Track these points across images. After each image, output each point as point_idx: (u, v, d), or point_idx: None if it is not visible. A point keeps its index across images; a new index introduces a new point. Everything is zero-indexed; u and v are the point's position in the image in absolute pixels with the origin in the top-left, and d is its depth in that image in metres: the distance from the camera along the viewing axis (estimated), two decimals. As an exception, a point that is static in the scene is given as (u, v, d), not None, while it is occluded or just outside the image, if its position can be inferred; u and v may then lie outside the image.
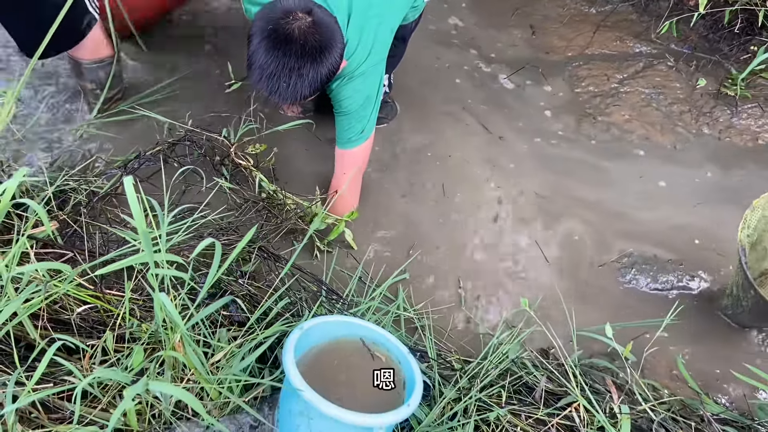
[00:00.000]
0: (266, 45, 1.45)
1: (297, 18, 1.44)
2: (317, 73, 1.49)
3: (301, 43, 1.44)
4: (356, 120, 1.79)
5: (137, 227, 1.10)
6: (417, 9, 1.96)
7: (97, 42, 1.97)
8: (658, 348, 1.75)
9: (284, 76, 1.46)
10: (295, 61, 1.45)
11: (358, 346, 1.48)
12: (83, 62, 1.99)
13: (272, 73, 1.46)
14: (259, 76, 1.48)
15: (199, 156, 1.93)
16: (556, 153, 2.36)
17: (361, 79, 1.72)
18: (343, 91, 1.73)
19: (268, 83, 1.48)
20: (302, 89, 1.50)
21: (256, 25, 1.47)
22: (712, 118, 2.51)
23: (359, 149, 1.86)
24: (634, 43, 2.79)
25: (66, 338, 1.21)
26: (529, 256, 2.03)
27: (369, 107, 1.79)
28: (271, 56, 1.45)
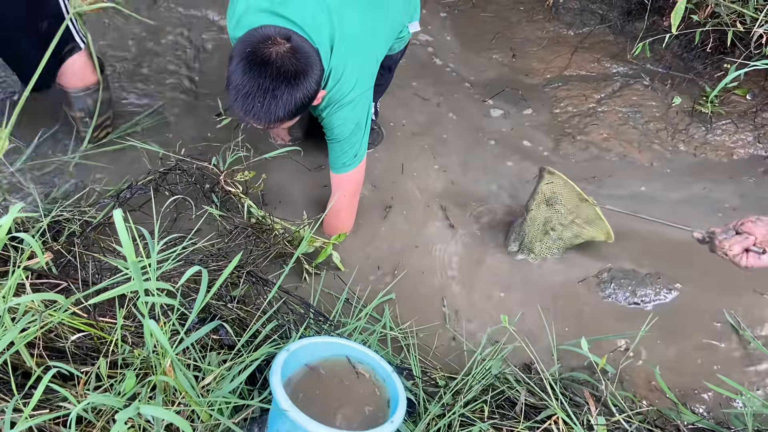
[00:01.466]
0: (243, 66, 1.50)
1: (276, 43, 1.51)
2: (291, 96, 1.53)
3: (278, 66, 1.50)
4: (348, 146, 1.85)
5: (127, 257, 1.15)
6: (403, 40, 2.04)
7: (83, 70, 2.03)
8: (636, 360, 1.81)
9: (259, 96, 1.51)
10: (270, 82, 1.50)
11: (345, 366, 1.53)
12: (71, 91, 2.06)
13: (247, 92, 1.51)
14: (235, 96, 1.52)
15: (190, 184, 1.99)
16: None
17: (350, 107, 1.78)
18: (333, 119, 1.79)
19: (243, 103, 1.52)
20: (276, 111, 1.54)
21: (237, 48, 1.53)
22: (687, 135, 2.58)
23: (353, 173, 1.93)
24: (610, 64, 2.88)
25: (61, 366, 1.26)
26: (509, 274, 2.09)
27: (359, 133, 1.86)
28: (247, 77, 1.50)
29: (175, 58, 2.62)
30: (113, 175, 2.11)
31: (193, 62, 2.63)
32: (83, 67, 2.03)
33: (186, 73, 2.58)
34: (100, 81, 2.10)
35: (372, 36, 1.82)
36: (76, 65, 2.00)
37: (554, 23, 3.08)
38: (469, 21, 3.11)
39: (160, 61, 2.58)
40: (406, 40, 2.07)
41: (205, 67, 2.63)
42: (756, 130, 2.58)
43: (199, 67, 2.62)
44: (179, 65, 2.61)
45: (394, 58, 2.13)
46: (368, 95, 1.84)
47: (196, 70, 2.60)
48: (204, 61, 2.65)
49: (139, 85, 2.48)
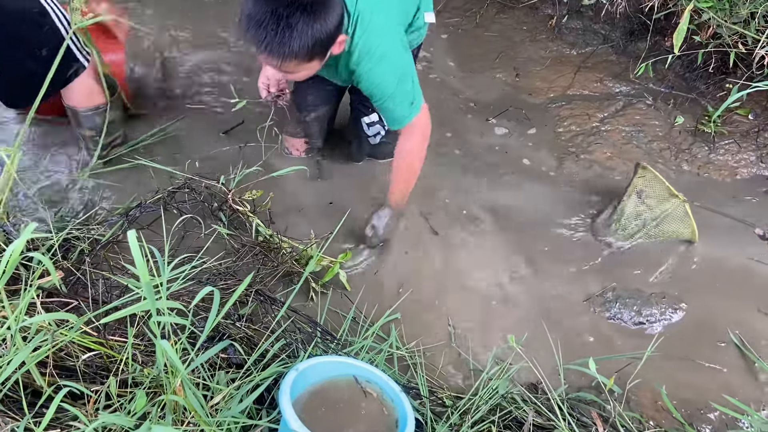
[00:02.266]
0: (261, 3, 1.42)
1: None
2: (307, 26, 1.45)
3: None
4: (400, 98, 1.78)
5: (141, 278, 1.16)
6: (419, 33, 2.03)
7: (90, 90, 2.03)
8: (643, 380, 1.81)
9: (272, 24, 1.42)
10: (284, 8, 1.41)
11: (352, 385, 1.53)
12: (80, 111, 2.06)
13: (260, 20, 1.42)
14: (247, 25, 1.44)
15: (198, 203, 2.00)
16: (541, 190, 2.44)
17: (386, 61, 1.72)
18: (372, 77, 1.72)
19: (256, 32, 1.43)
20: (290, 42, 1.45)
21: None
22: (690, 155, 2.60)
23: (416, 120, 1.85)
24: (613, 83, 2.91)
25: (72, 385, 1.27)
26: (515, 294, 2.10)
27: (407, 82, 1.78)
28: (261, 3, 1.42)
29: (184, 77, 2.65)
30: (121, 193, 2.13)
31: (200, 80, 2.66)
32: (90, 86, 2.02)
33: (194, 90, 2.61)
34: (107, 101, 2.10)
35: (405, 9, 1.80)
36: (83, 85, 1.99)
37: (557, 43, 3.12)
38: (472, 40, 3.14)
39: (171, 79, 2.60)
40: (423, 33, 2.05)
41: (212, 83, 2.66)
42: (759, 150, 2.60)
43: (206, 83, 2.65)
44: (187, 83, 2.64)
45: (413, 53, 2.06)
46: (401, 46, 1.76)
47: (204, 88, 2.62)
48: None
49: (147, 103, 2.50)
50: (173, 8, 3.02)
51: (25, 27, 1.78)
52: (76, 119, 2.09)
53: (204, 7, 3.07)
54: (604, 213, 2.31)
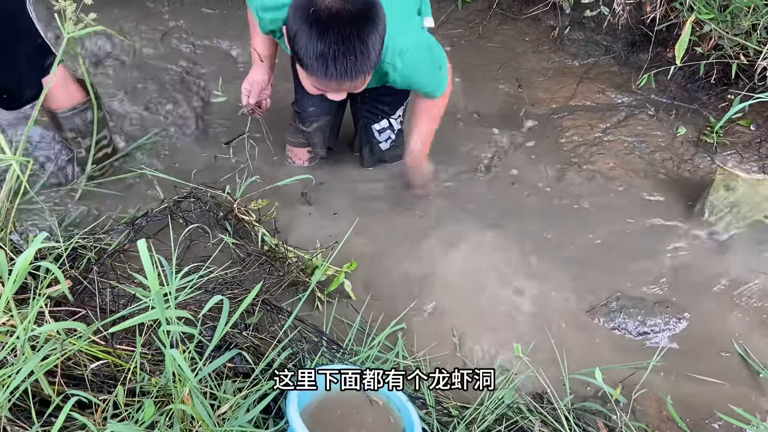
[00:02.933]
0: (317, 30, 1.41)
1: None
2: (376, 31, 1.46)
3: (348, 9, 1.41)
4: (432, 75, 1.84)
5: (151, 288, 1.17)
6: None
7: (68, 89, 2.01)
8: (648, 390, 1.81)
9: (349, 50, 1.42)
10: (352, 28, 1.41)
11: (359, 395, 1.53)
12: (58, 112, 2.03)
13: (335, 53, 1.42)
14: (324, 64, 1.43)
15: (203, 212, 2.01)
16: (545, 201, 2.45)
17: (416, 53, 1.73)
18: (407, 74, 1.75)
19: (336, 67, 1.43)
20: (369, 56, 1.46)
21: (294, 21, 1.44)
22: (693, 165, 2.61)
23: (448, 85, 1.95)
24: (615, 94, 2.93)
25: (80, 394, 1.27)
26: (520, 303, 2.10)
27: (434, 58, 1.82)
28: (327, 38, 1.41)
29: (185, 85, 2.66)
30: (125, 202, 2.13)
31: (202, 89, 2.67)
32: (66, 85, 1.99)
33: (195, 99, 2.62)
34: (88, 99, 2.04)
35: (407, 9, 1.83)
36: (59, 84, 1.96)
37: (559, 54, 3.14)
38: (475, 51, 3.16)
39: (168, 89, 2.61)
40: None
41: (211, 92, 2.68)
42: (761, 160, 2.62)
43: (208, 93, 2.66)
44: (188, 91, 2.65)
45: None
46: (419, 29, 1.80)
47: (205, 96, 2.64)
48: (208, 87, 2.70)
49: (145, 111, 2.51)
50: (177, 17, 3.04)
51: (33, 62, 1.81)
52: (56, 122, 2.07)
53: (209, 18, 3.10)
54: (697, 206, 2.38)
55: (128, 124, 2.45)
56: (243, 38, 2.99)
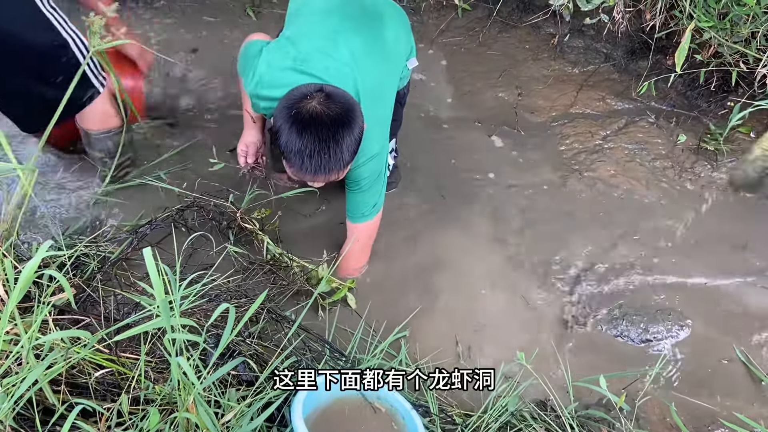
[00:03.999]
0: (296, 129, 1.54)
1: (313, 97, 1.56)
2: (351, 135, 1.58)
3: (327, 113, 1.54)
4: (370, 196, 1.90)
5: (156, 296, 1.17)
6: (405, 78, 2.09)
7: (105, 113, 2.03)
8: (651, 397, 1.81)
9: (323, 150, 1.55)
10: (328, 131, 1.54)
11: (363, 402, 1.53)
12: (92, 133, 2.06)
13: (311, 151, 1.55)
14: (300, 159, 1.56)
15: (207, 221, 2.01)
16: (545, 209, 2.45)
17: (376, 159, 1.84)
18: (361, 172, 1.84)
19: (311, 163, 1.56)
20: (342, 156, 1.58)
21: (279, 117, 1.58)
22: (694, 174, 2.62)
23: (372, 221, 1.98)
24: (615, 102, 2.93)
25: (85, 402, 1.27)
26: (523, 311, 2.11)
27: (380, 182, 1.91)
28: (305, 137, 1.54)
29: (189, 96, 2.67)
30: (129, 210, 2.14)
31: (206, 99, 2.67)
32: (104, 110, 2.02)
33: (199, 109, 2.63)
34: (123, 124, 2.08)
35: (388, 85, 1.89)
36: (97, 109, 1.99)
37: (559, 62, 3.14)
38: (475, 58, 3.17)
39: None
40: (408, 77, 2.13)
41: (212, 101, 2.68)
42: (761, 167, 2.62)
43: (212, 102, 2.67)
44: (193, 102, 2.66)
45: (401, 93, 2.16)
46: (387, 145, 1.90)
47: (209, 107, 2.64)
48: (210, 95, 2.70)
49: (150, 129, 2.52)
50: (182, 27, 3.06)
51: (44, 59, 1.78)
52: (87, 140, 2.10)
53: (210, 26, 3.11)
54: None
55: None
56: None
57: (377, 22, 1.87)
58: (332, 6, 1.85)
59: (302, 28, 1.82)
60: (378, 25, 1.87)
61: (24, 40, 1.72)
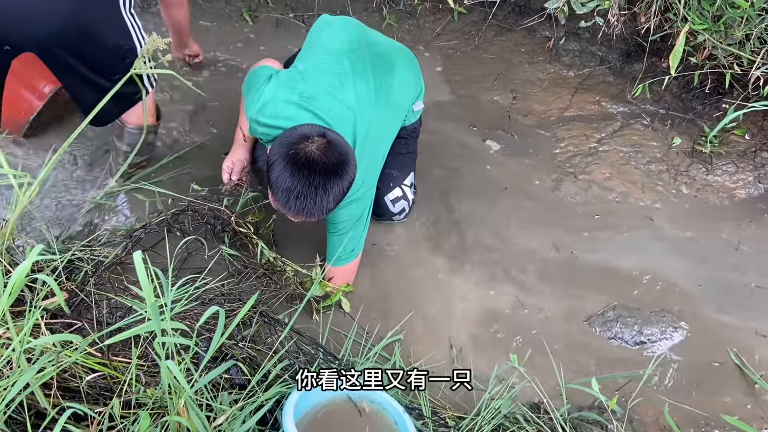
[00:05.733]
0: (290, 169, 1.58)
1: (314, 141, 1.59)
2: (340, 187, 1.63)
3: (324, 162, 1.58)
4: (348, 240, 1.92)
5: (146, 300, 1.18)
6: (417, 113, 2.17)
7: (148, 110, 2.08)
8: (644, 399, 1.82)
9: (311, 194, 1.59)
10: (320, 178, 1.58)
11: (354, 407, 1.54)
12: (128, 127, 2.10)
13: (299, 193, 1.59)
14: (287, 197, 1.60)
15: (201, 224, 2.02)
16: (539, 212, 2.46)
17: (356, 203, 1.87)
18: (339, 214, 1.87)
19: (296, 203, 1.60)
20: (327, 204, 1.63)
21: (276, 152, 1.61)
22: (689, 177, 2.62)
23: (349, 265, 2.01)
24: (610, 104, 2.94)
25: (76, 406, 1.27)
26: (516, 313, 2.11)
27: (360, 227, 1.94)
28: (297, 179, 1.58)
29: (185, 100, 2.68)
30: (120, 214, 2.14)
31: (201, 104, 2.69)
32: (149, 106, 2.08)
33: (195, 114, 2.64)
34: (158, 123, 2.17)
35: (387, 136, 1.97)
36: (140, 105, 2.05)
37: (555, 65, 3.15)
38: (471, 62, 3.18)
39: (169, 104, 2.63)
40: (420, 113, 2.19)
41: (208, 105, 2.69)
42: (756, 170, 2.63)
43: (203, 106, 2.68)
44: (188, 107, 2.67)
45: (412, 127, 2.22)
46: (372, 192, 1.94)
47: (204, 112, 2.65)
48: (206, 99, 2.71)
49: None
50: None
51: (111, 57, 1.85)
52: (120, 132, 2.13)
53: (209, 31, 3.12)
54: None
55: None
56: (239, 50, 3.02)
57: (387, 70, 1.93)
58: (347, 48, 1.91)
59: (315, 66, 1.88)
60: (387, 73, 1.93)
61: (101, 38, 1.80)
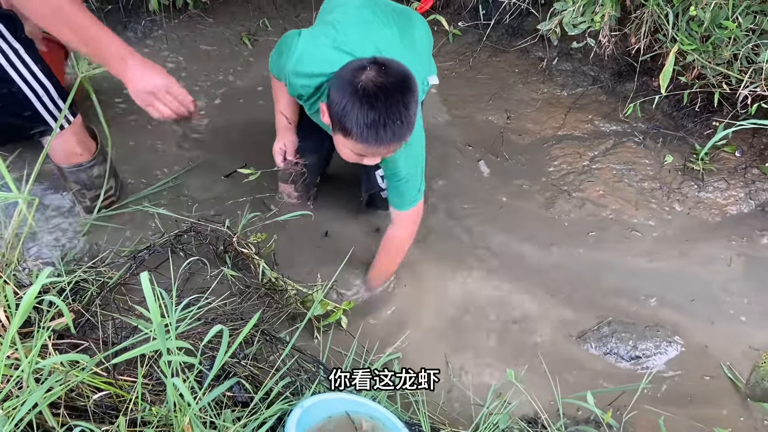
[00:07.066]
0: (367, 102, 1.55)
1: (371, 68, 1.57)
2: (414, 97, 1.61)
3: (390, 81, 1.56)
4: (413, 182, 1.93)
5: (153, 319, 1.21)
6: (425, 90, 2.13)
7: (67, 150, 1.99)
8: (641, 413, 1.85)
9: (395, 117, 1.56)
10: (396, 97, 1.56)
11: (357, 422, 1.56)
12: (59, 166, 2.04)
13: (384, 121, 1.56)
14: (375, 131, 1.56)
15: (204, 245, 2.06)
16: (535, 229, 2.50)
17: (415, 144, 1.86)
18: (399, 158, 1.85)
19: (386, 132, 1.57)
20: (410, 120, 1.61)
21: (343, 96, 1.58)
22: (681, 194, 2.67)
23: (415, 209, 2.02)
24: (603, 123, 3.00)
25: (83, 425, 1.30)
26: (511, 330, 2.14)
27: (420, 166, 1.95)
28: (376, 109, 1.55)
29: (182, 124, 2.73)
30: (125, 236, 2.18)
31: (199, 123, 2.74)
32: (66, 147, 1.98)
33: (192, 134, 2.68)
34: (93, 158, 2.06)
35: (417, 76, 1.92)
36: (58, 144, 1.95)
37: (548, 84, 3.22)
38: (466, 83, 3.24)
39: (163, 123, 2.68)
40: (425, 91, 2.16)
41: (209, 126, 2.74)
42: (746, 186, 2.68)
43: (205, 127, 2.73)
44: (185, 127, 2.71)
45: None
46: (422, 130, 1.93)
47: (202, 131, 2.70)
48: (210, 121, 2.76)
49: (145, 154, 2.58)
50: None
51: None
52: (60, 172, 2.07)
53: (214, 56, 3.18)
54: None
55: (135, 159, 2.51)
56: (239, 73, 3.08)
57: (407, 21, 1.95)
58: (366, 3, 1.90)
59: (342, 16, 1.85)
60: (408, 23, 1.94)
61: None
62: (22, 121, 1.82)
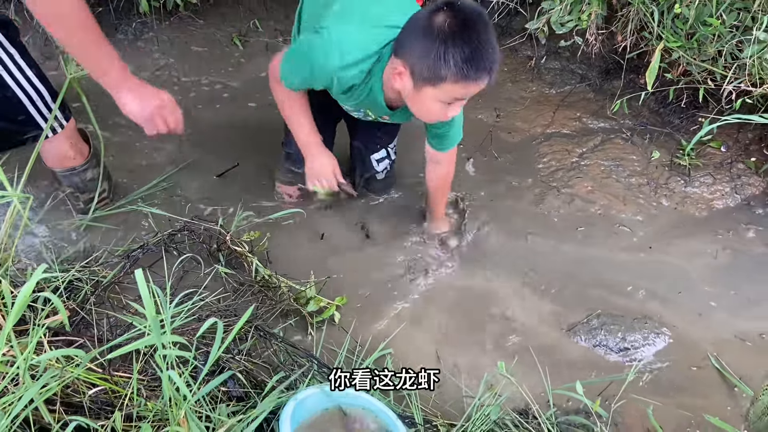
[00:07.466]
0: (461, 38, 1.54)
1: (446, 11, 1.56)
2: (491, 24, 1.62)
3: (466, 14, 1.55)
4: (460, 119, 2.04)
5: (147, 314, 1.23)
6: None
7: (60, 155, 2.00)
8: (630, 402, 1.88)
9: (488, 45, 1.57)
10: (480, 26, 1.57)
11: (350, 414, 1.59)
12: (55, 170, 2.06)
13: (480, 52, 1.56)
14: (475, 63, 1.56)
15: (197, 243, 2.07)
16: (524, 224, 2.53)
17: None
18: None
19: (487, 59, 1.57)
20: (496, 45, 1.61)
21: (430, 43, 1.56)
22: (668, 189, 2.71)
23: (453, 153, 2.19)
24: (591, 120, 3.04)
25: (79, 420, 1.32)
26: (502, 322, 2.17)
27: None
28: (471, 42, 1.55)
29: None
30: (118, 236, 2.19)
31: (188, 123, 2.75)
32: (59, 152, 1.99)
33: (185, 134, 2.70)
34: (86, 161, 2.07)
35: None
36: (51, 148, 1.96)
37: (537, 83, 3.25)
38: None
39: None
40: None
41: (201, 127, 2.76)
42: (732, 180, 2.72)
43: (195, 128, 2.74)
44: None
45: None
46: None
47: (192, 131, 2.72)
48: (198, 121, 2.78)
49: (138, 153, 2.59)
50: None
51: None
52: (53, 176, 2.09)
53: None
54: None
55: (130, 158, 2.52)
56: (230, 74, 3.10)
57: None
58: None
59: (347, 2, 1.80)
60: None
61: None
62: (16, 125, 1.84)
